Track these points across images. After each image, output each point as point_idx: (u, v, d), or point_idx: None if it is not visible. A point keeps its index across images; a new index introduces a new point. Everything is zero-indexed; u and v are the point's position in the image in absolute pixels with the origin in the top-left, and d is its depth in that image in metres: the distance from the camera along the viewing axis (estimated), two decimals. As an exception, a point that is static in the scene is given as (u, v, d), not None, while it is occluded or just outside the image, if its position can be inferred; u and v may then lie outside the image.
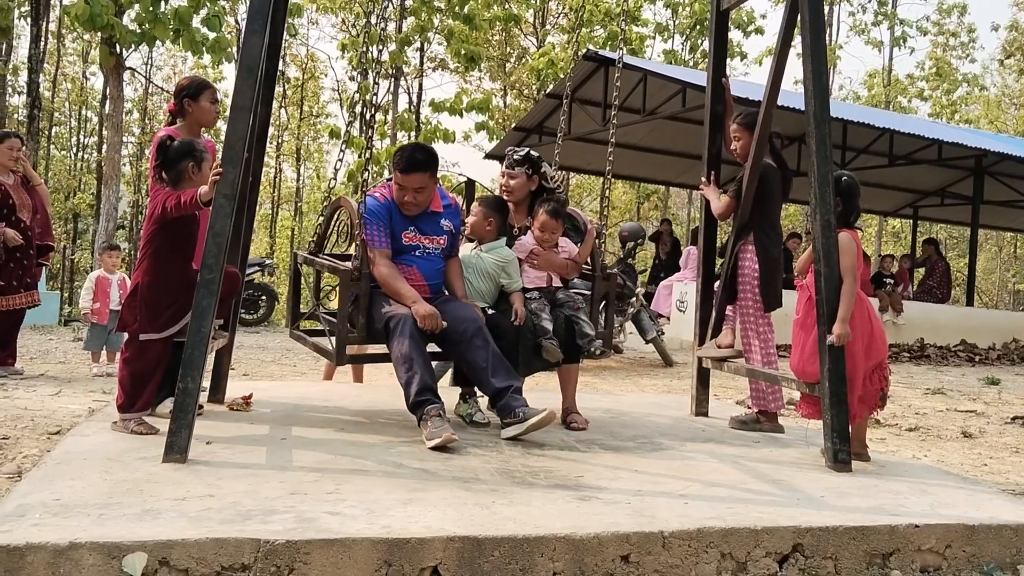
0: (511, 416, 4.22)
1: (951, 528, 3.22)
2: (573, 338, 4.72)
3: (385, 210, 4.55)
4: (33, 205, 7.01)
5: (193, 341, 3.64)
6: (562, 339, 4.68)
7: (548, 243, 4.85)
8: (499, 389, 4.26)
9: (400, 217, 4.58)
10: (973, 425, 6.72)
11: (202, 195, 3.82)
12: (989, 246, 38.46)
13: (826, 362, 4.12)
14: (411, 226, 4.59)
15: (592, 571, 2.82)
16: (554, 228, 4.80)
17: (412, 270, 4.58)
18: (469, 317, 4.39)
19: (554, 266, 4.87)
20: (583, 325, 4.70)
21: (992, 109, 36.78)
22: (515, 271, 4.79)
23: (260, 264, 14.56)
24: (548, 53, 21.93)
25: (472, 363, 4.34)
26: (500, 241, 4.83)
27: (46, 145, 29.34)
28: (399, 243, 4.57)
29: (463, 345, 4.33)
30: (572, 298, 4.86)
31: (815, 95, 4.29)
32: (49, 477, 3.19)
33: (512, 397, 4.24)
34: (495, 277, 4.77)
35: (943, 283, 16.08)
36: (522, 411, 4.20)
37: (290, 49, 30.58)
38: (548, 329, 4.61)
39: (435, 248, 4.65)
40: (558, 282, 4.91)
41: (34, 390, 5.97)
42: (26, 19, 20.10)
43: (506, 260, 4.78)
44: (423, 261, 4.62)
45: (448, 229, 4.69)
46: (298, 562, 2.61)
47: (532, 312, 4.68)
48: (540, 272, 4.85)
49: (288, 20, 17.72)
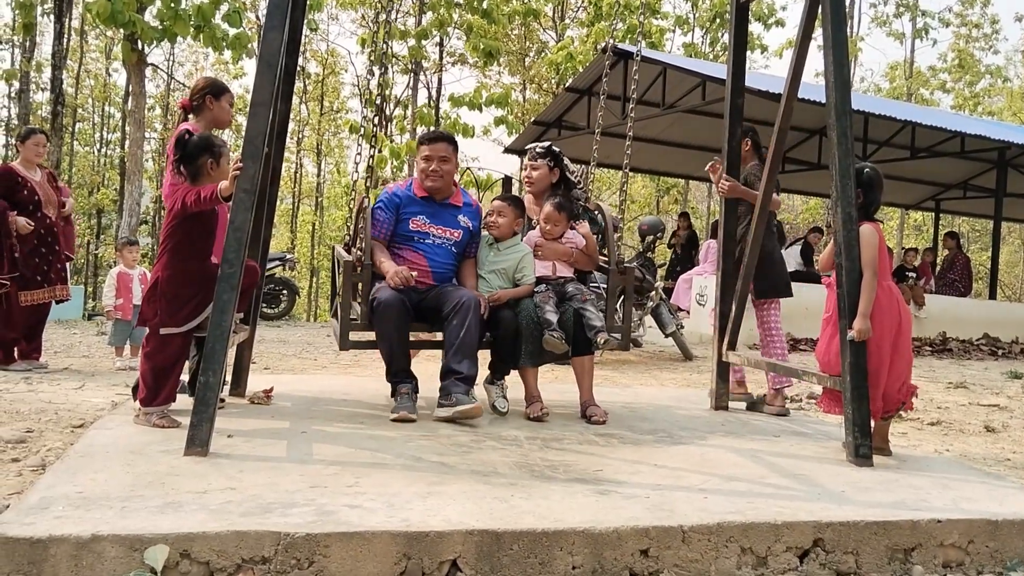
0: (447, 399, 4.43)
1: (974, 523, 3.19)
2: (582, 331, 4.73)
3: (393, 201, 4.80)
4: (60, 201, 7.09)
5: (214, 335, 3.66)
6: (571, 332, 4.71)
7: (552, 234, 4.98)
8: (448, 369, 4.47)
9: (413, 205, 4.80)
10: (996, 419, 6.66)
11: (222, 190, 3.84)
12: (1012, 239, 38.06)
13: (847, 356, 4.09)
14: (421, 214, 4.79)
15: (611, 565, 2.82)
16: (557, 220, 4.95)
17: (418, 256, 4.77)
18: (456, 297, 4.56)
19: (558, 254, 4.97)
20: (591, 317, 4.71)
21: (1016, 101, 36.37)
22: (529, 266, 4.90)
23: (281, 259, 14.62)
24: (567, 47, 21.88)
25: (444, 339, 4.58)
26: (516, 238, 4.97)
27: (70, 141, 29.55)
28: (406, 228, 4.78)
29: (445, 323, 4.56)
30: (581, 290, 4.89)
31: (836, 87, 4.25)
32: (72, 470, 3.22)
33: (454, 383, 4.44)
34: (510, 272, 4.88)
35: (964, 276, 15.95)
36: (457, 397, 4.40)
37: (310, 45, 30.67)
38: (552, 321, 4.63)
39: (446, 239, 4.82)
40: (563, 271, 4.97)
41: (58, 384, 6.03)
42: (49, 16, 20.22)
43: (523, 253, 4.90)
44: (430, 249, 4.79)
45: (466, 225, 4.88)
46: (318, 555, 2.63)
47: (536, 305, 4.74)
48: (545, 262, 4.95)
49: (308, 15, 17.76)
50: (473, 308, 4.51)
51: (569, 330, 4.70)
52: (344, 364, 8.43)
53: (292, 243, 33.25)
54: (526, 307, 4.75)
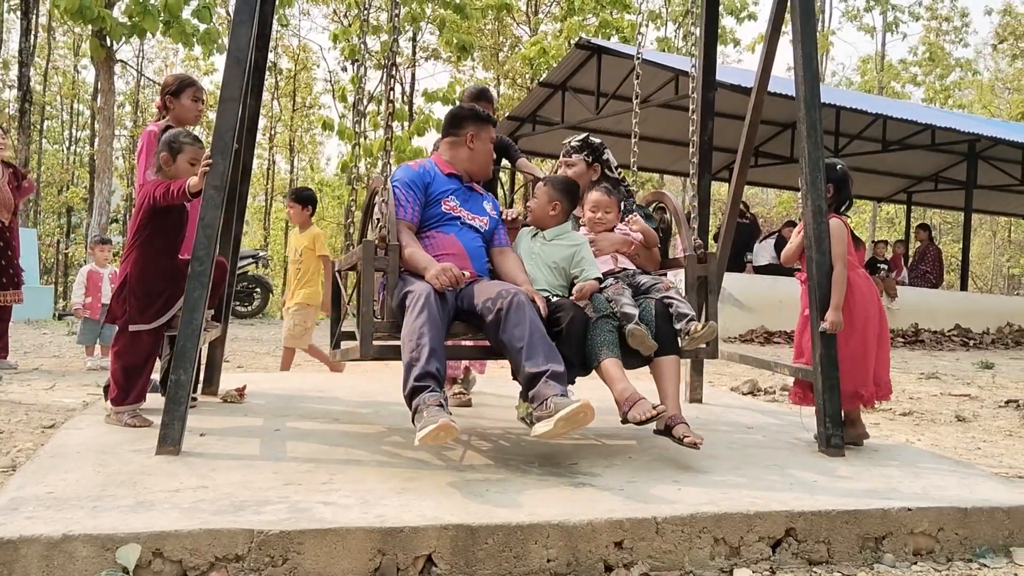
0: (542, 407, 3.29)
1: (944, 511, 3.22)
2: (667, 324, 3.87)
3: (419, 178, 3.96)
4: (15, 205, 7.00)
5: (185, 333, 3.63)
6: (655, 327, 3.84)
7: (603, 224, 4.25)
8: (533, 374, 3.37)
9: (443, 184, 4.01)
10: (967, 409, 6.74)
11: (191, 186, 3.80)
12: (983, 230, 38.53)
13: (819, 348, 4.12)
14: (454, 195, 4.00)
15: (586, 557, 2.83)
16: (608, 205, 4.25)
17: (451, 238, 3.92)
18: (506, 292, 3.57)
19: (616, 244, 4.22)
20: (679, 305, 3.88)
21: (985, 94, 36.79)
22: (588, 256, 4.02)
23: (254, 256, 14.56)
24: (540, 42, 21.88)
25: (507, 344, 3.49)
26: (566, 225, 4.16)
27: (38, 139, 29.24)
28: (438, 210, 3.94)
29: (499, 323, 3.51)
30: (659, 279, 4.10)
31: (805, 80, 4.28)
32: (43, 470, 3.19)
33: (547, 383, 3.33)
34: (564, 267, 4.02)
35: (935, 268, 16.13)
36: (554, 401, 3.25)
37: (282, 40, 30.48)
38: (633, 315, 3.77)
39: (478, 226, 4.03)
40: (626, 263, 4.20)
41: (28, 384, 5.97)
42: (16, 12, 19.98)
43: (577, 244, 4.05)
44: (464, 231, 3.96)
45: (491, 214, 4.13)
46: (292, 552, 2.61)
47: (609, 299, 3.88)
48: (603, 256, 4.17)
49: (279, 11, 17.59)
50: (524, 297, 3.56)
51: (652, 326, 3.83)
52: (318, 362, 8.39)
53: (265, 240, 33.07)
54: (596, 302, 3.87)
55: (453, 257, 3.81)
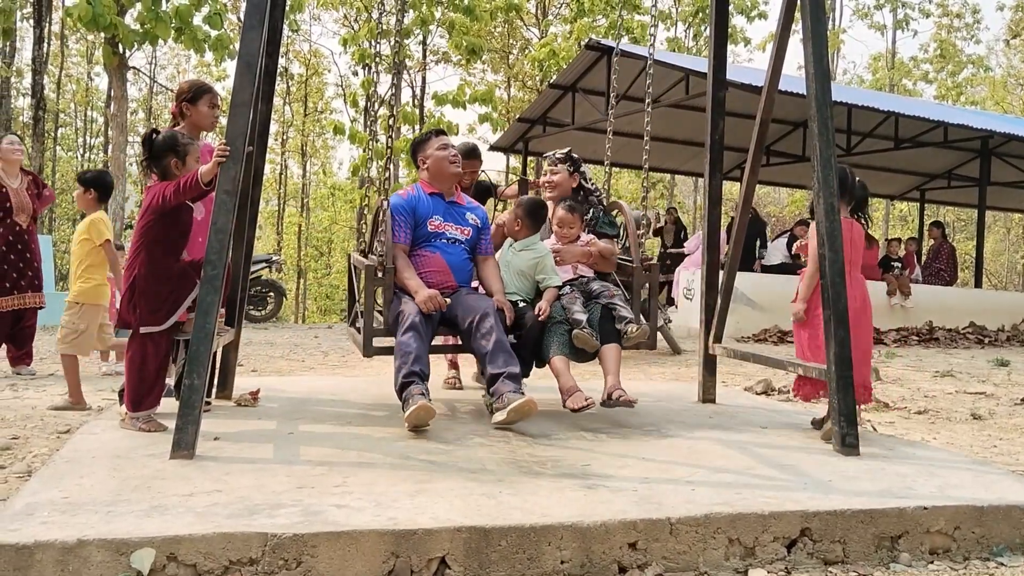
0: (499, 401, 4.17)
1: (960, 510, 3.20)
2: (609, 323, 4.70)
3: (408, 205, 4.70)
4: (35, 212, 7.06)
5: (198, 337, 3.64)
6: (600, 327, 4.68)
7: (567, 238, 4.99)
8: (493, 375, 4.24)
9: (427, 205, 4.73)
10: (982, 407, 6.70)
11: (203, 175, 3.80)
12: (997, 227, 38.29)
13: (832, 346, 4.11)
14: (436, 213, 4.73)
15: (599, 559, 2.82)
16: (571, 222, 4.98)
17: (436, 257, 4.68)
18: (478, 307, 4.44)
19: (576, 256, 4.98)
20: (619, 309, 4.71)
21: (998, 90, 36.59)
22: (550, 266, 4.84)
23: (267, 260, 14.57)
24: (550, 44, 21.88)
25: (475, 350, 4.43)
26: (534, 237, 4.95)
27: (52, 146, 29.41)
28: (425, 231, 4.69)
29: (471, 334, 4.40)
30: (607, 287, 4.88)
31: (816, 78, 4.26)
32: (58, 475, 3.20)
33: (503, 382, 4.19)
34: (530, 274, 4.83)
35: (949, 265, 16.04)
36: (507, 397, 4.12)
37: (293, 45, 30.58)
38: (581, 320, 4.61)
39: (459, 238, 4.77)
40: (585, 271, 4.97)
41: (44, 390, 6.00)
42: (29, 21, 20.11)
43: (540, 255, 4.85)
44: (448, 248, 4.71)
45: (474, 223, 4.84)
46: (305, 555, 2.62)
47: (563, 306, 4.72)
48: (565, 266, 4.95)
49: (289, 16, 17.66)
50: (493, 313, 4.41)
51: (596, 327, 4.68)
52: (332, 365, 8.42)
53: (278, 245, 33.17)
54: (553, 308, 4.71)
55: (437, 274, 4.64)
